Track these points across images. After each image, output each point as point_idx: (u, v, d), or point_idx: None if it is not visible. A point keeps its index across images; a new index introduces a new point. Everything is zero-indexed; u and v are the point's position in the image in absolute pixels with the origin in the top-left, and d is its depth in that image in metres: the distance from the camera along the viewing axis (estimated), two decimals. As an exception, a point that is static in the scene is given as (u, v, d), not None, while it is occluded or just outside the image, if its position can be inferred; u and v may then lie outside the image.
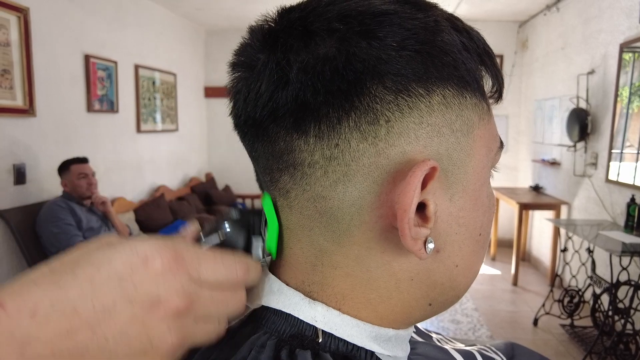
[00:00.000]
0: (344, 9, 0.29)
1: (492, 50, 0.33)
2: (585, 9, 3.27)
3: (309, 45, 0.29)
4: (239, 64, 0.33)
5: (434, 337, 0.44)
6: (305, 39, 0.29)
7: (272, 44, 0.30)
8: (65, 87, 2.85)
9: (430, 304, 0.33)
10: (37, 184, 2.59)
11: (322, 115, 0.28)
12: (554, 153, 3.80)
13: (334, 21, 0.28)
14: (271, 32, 0.31)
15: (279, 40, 0.30)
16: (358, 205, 0.30)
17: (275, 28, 0.31)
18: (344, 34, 0.28)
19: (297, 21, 0.30)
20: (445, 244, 0.31)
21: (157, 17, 4.04)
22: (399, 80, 0.28)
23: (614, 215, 2.84)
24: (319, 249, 0.32)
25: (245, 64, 0.32)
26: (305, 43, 0.29)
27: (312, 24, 0.29)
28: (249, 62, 0.31)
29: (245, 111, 0.31)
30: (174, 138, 4.40)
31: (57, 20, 2.76)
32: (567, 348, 2.67)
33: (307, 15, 0.30)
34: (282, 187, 0.32)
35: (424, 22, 0.29)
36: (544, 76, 4.07)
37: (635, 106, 2.69)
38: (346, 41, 0.28)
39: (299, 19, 0.30)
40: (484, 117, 0.32)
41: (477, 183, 0.32)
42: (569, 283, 3.20)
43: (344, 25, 0.28)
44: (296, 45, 0.29)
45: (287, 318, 0.32)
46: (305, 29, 0.29)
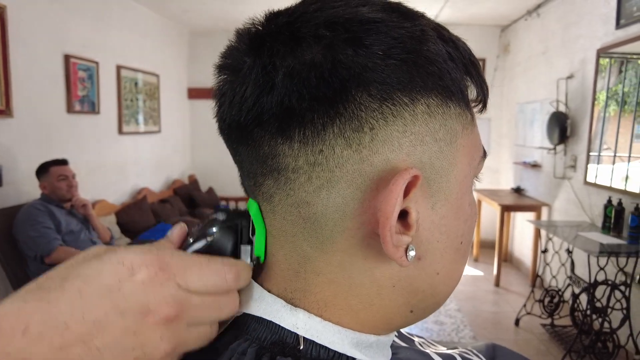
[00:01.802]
0: (331, 16, 0.29)
1: (477, 60, 0.33)
2: (565, 14, 3.35)
3: (295, 50, 0.29)
4: (224, 67, 0.33)
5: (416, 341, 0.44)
6: (292, 44, 0.29)
7: (259, 48, 0.30)
8: (44, 88, 2.79)
9: (412, 310, 0.34)
10: (15, 186, 2.53)
11: (307, 121, 0.28)
12: (535, 156, 3.87)
13: (321, 28, 0.29)
14: (258, 35, 0.31)
15: (265, 45, 0.30)
16: (341, 211, 0.30)
17: (262, 32, 0.31)
18: (331, 40, 0.28)
19: (284, 26, 0.30)
20: (427, 252, 0.32)
21: (140, 18, 3.99)
22: (384, 89, 0.28)
23: (592, 216, 2.90)
24: (303, 255, 0.32)
25: (231, 66, 0.32)
26: (292, 48, 0.29)
27: (299, 30, 0.29)
28: (235, 65, 0.31)
29: (230, 115, 0.31)
30: (156, 140, 4.35)
31: (37, 19, 2.70)
32: (547, 347, 2.72)
33: (295, 20, 0.30)
34: (266, 192, 0.32)
35: (411, 31, 0.29)
36: (525, 80, 4.15)
37: (612, 110, 2.76)
38: (333, 48, 0.28)
39: (286, 24, 0.30)
40: (468, 127, 0.33)
41: (459, 192, 0.32)
42: (549, 283, 3.26)
43: (330, 32, 0.28)
44: (282, 50, 0.29)
45: (268, 325, 0.32)
46: (292, 35, 0.29)
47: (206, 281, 0.29)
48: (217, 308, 0.30)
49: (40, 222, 2.28)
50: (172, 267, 0.27)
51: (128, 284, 0.26)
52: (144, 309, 0.25)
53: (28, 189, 2.56)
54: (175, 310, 0.27)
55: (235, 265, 0.31)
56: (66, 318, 0.24)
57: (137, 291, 0.26)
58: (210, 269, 0.29)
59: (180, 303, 0.27)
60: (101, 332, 0.24)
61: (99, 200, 3.25)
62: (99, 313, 0.24)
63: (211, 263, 0.30)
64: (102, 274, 0.26)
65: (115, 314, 0.25)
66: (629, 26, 2.53)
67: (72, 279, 0.25)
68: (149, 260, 0.27)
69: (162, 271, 0.27)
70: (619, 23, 2.61)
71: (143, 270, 0.26)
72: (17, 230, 2.29)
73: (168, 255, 0.28)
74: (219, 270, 0.30)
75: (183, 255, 0.29)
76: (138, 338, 0.25)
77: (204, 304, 0.29)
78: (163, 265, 0.27)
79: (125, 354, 0.25)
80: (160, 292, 0.26)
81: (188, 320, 0.28)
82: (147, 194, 3.90)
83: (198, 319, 0.29)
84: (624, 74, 2.67)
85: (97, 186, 3.32)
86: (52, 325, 0.23)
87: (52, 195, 2.41)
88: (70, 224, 2.43)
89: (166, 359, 0.27)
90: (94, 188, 3.25)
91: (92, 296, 0.25)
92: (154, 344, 0.26)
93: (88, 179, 3.13)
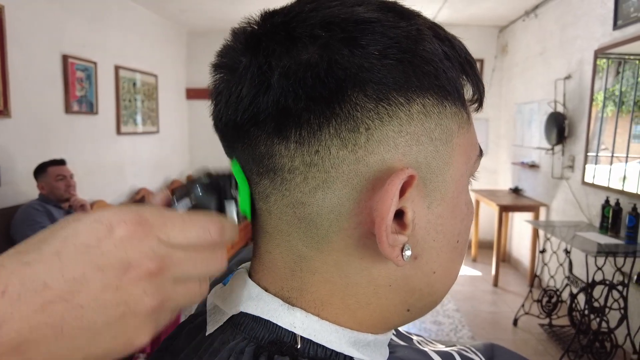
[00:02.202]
0: (327, 16, 0.29)
1: (474, 59, 0.33)
2: (562, 15, 3.36)
3: (291, 50, 0.29)
4: (221, 66, 0.33)
5: (414, 339, 0.44)
6: (288, 44, 0.29)
7: (255, 48, 0.30)
8: (42, 88, 2.78)
9: (409, 309, 0.34)
10: (13, 186, 2.52)
11: (303, 121, 0.28)
12: (533, 156, 3.88)
13: (316, 28, 0.29)
14: (254, 35, 0.31)
15: (261, 44, 0.30)
16: (337, 211, 0.30)
17: (258, 31, 0.31)
18: (327, 40, 0.28)
19: (280, 26, 0.30)
20: (423, 251, 0.32)
21: (138, 18, 3.99)
22: (380, 89, 0.28)
23: (590, 216, 2.91)
24: (298, 255, 0.32)
25: (228, 65, 0.32)
26: (288, 48, 0.29)
27: (295, 30, 0.29)
28: (231, 64, 0.31)
29: (227, 114, 0.31)
30: (155, 140, 4.34)
31: (34, 19, 2.69)
32: (545, 347, 2.73)
33: (290, 20, 0.30)
34: (262, 192, 0.32)
35: (407, 31, 0.29)
36: (523, 80, 4.16)
37: (610, 110, 2.77)
38: (328, 48, 0.28)
39: (282, 24, 0.30)
40: (464, 126, 0.33)
41: (455, 191, 0.32)
42: (547, 283, 3.27)
43: (326, 32, 0.28)
44: (278, 50, 0.29)
45: (265, 324, 0.32)
46: (288, 34, 0.29)
47: (188, 234, 0.28)
48: (203, 263, 0.29)
49: (38, 222, 2.27)
50: (152, 222, 0.27)
51: (106, 241, 0.25)
52: (124, 264, 0.25)
53: (26, 189, 2.56)
54: (157, 264, 0.26)
55: (218, 219, 0.30)
56: (45, 278, 0.23)
57: (116, 247, 0.25)
58: (193, 222, 0.28)
59: (162, 257, 0.26)
60: (82, 289, 0.24)
61: (97, 200, 3.24)
62: (77, 271, 0.24)
63: (193, 217, 0.29)
64: (80, 233, 0.25)
65: (94, 270, 0.24)
66: (626, 27, 2.54)
67: (50, 240, 0.25)
68: (127, 217, 0.26)
69: (141, 226, 0.26)
70: (616, 24, 2.62)
71: (122, 226, 0.26)
72: (15, 230, 2.29)
73: (147, 212, 0.27)
74: (201, 224, 0.29)
75: (163, 210, 0.28)
76: (120, 293, 0.25)
77: (189, 258, 0.28)
78: (142, 220, 0.26)
79: (109, 310, 0.24)
80: (140, 247, 0.26)
81: (173, 274, 0.27)
82: (145, 194, 3.89)
83: (184, 274, 0.28)
84: (621, 75, 2.68)
85: (95, 186, 3.32)
86: (30, 286, 0.23)
87: (50, 196, 2.40)
88: (68, 225, 2.42)
89: (154, 314, 0.26)
90: (92, 188, 3.24)
91: (70, 255, 0.24)
92: (137, 298, 0.25)
93: (86, 179, 3.12)
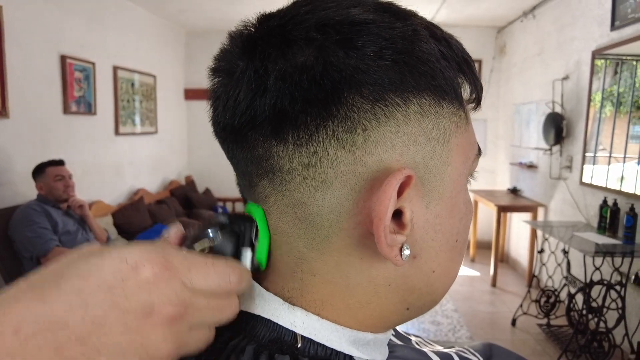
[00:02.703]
0: (322, 18, 0.29)
1: (471, 58, 0.34)
2: (560, 16, 3.36)
3: (286, 53, 0.29)
4: (218, 70, 0.33)
5: (412, 340, 0.44)
6: (284, 47, 0.29)
7: (251, 51, 0.30)
8: (40, 88, 2.78)
9: (408, 308, 0.34)
10: (11, 187, 2.52)
11: (300, 123, 0.29)
12: (531, 156, 3.88)
13: (312, 30, 0.29)
14: (250, 38, 0.31)
15: (257, 48, 0.30)
16: (336, 212, 0.30)
17: (254, 35, 0.31)
18: (322, 43, 0.28)
19: (275, 29, 0.30)
20: (422, 251, 0.32)
21: (137, 18, 3.98)
22: (376, 90, 0.28)
23: (588, 216, 2.92)
24: (299, 256, 0.32)
25: (225, 69, 0.32)
26: (283, 52, 0.29)
27: (291, 33, 0.29)
28: (229, 68, 0.32)
29: (225, 118, 0.31)
30: (153, 140, 4.34)
31: (32, 20, 2.69)
32: (543, 347, 2.73)
33: (286, 23, 0.30)
34: (261, 192, 0.32)
35: (402, 31, 0.29)
36: (521, 81, 4.16)
37: (607, 111, 2.78)
38: (324, 50, 0.28)
39: (278, 27, 0.30)
40: (462, 126, 0.33)
41: (453, 190, 0.33)
42: (545, 283, 3.27)
43: (321, 35, 0.29)
44: (274, 54, 0.29)
45: (266, 323, 0.32)
46: (284, 37, 0.29)
47: (211, 281, 0.28)
48: (219, 310, 0.29)
49: (37, 223, 2.27)
50: (177, 265, 0.26)
51: (131, 282, 0.24)
52: (147, 308, 0.25)
53: (24, 189, 2.55)
54: (180, 311, 0.26)
55: (238, 267, 0.30)
56: (63, 317, 0.22)
57: (140, 290, 0.24)
58: (215, 269, 0.28)
59: (185, 303, 0.26)
60: (101, 332, 0.23)
61: (96, 201, 3.24)
62: (98, 312, 0.23)
63: (216, 264, 0.29)
64: (103, 271, 0.24)
65: (116, 313, 0.24)
66: (623, 28, 2.54)
67: (69, 277, 0.24)
68: (153, 258, 0.26)
69: (167, 270, 0.26)
70: (613, 25, 2.63)
71: (147, 267, 0.25)
72: (13, 230, 2.28)
73: (173, 254, 0.27)
74: (223, 271, 0.29)
75: (187, 254, 0.28)
76: (140, 338, 0.24)
77: (208, 306, 0.28)
78: (168, 263, 0.26)
79: (127, 356, 0.24)
80: (165, 291, 0.25)
81: (191, 321, 0.27)
82: (143, 194, 3.88)
83: (200, 321, 0.28)
84: (619, 75, 2.69)
85: (94, 187, 3.31)
86: (46, 325, 0.22)
87: (48, 196, 2.40)
88: (67, 225, 2.42)
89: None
90: (91, 189, 3.24)
91: (93, 294, 0.23)
92: (156, 344, 0.25)
93: (84, 179, 3.12)
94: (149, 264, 0.25)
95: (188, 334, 0.27)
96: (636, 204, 2.36)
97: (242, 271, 0.30)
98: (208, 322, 0.29)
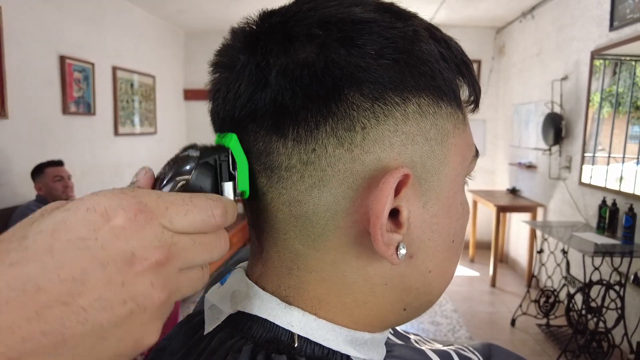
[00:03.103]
0: (324, 16, 0.29)
1: (470, 61, 0.34)
2: (559, 16, 3.37)
3: (288, 49, 0.29)
4: (219, 64, 0.33)
5: (412, 338, 0.44)
6: (285, 43, 0.29)
7: (253, 46, 0.30)
8: (39, 89, 2.78)
9: (405, 308, 0.34)
10: (10, 187, 2.52)
11: (300, 119, 0.29)
12: (530, 156, 3.89)
13: (314, 27, 0.29)
14: (252, 34, 0.31)
15: (259, 43, 0.30)
16: (333, 210, 0.30)
17: (256, 31, 0.31)
18: (324, 40, 0.29)
19: (277, 25, 0.30)
20: (418, 250, 0.32)
21: (136, 19, 3.98)
22: (376, 88, 0.29)
23: (587, 217, 2.92)
24: (295, 253, 0.32)
25: (226, 64, 0.32)
26: (285, 47, 0.29)
27: (293, 29, 0.29)
28: (230, 62, 0.32)
29: (224, 110, 0.31)
30: (152, 141, 4.34)
31: (32, 20, 2.69)
32: (543, 347, 2.73)
33: (288, 20, 0.30)
34: (258, 189, 0.32)
35: (403, 32, 0.30)
36: (520, 81, 4.17)
37: (606, 111, 2.79)
38: (325, 47, 0.28)
39: (280, 23, 0.30)
40: (459, 126, 0.33)
41: (450, 191, 0.33)
42: (544, 283, 3.27)
43: (323, 32, 0.29)
44: (276, 49, 0.29)
45: (263, 323, 0.32)
46: (286, 33, 0.29)
47: (192, 218, 0.26)
48: (207, 248, 0.27)
49: (36, 224, 2.26)
50: (153, 207, 0.24)
51: (105, 231, 0.22)
52: (128, 256, 0.23)
53: (23, 190, 2.55)
54: (164, 254, 0.24)
55: (220, 199, 0.28)
56: (38, 280, 0.20)
57: (117, 238, 0.23)
58: (195, 205, 0.26)
59: (168, 245, 0.24)
60: (83, 290, 0.21)
61: (95, 201, 3.23)
62: (76, 269, 0.21)
63: (195, 199, 0.26)
64: (72, 224, 0.22)
65: (95, 267, 0.22)
66: (622, 28, 2.55)
67: (34, 235, 0.22)
68: (125, 202, 0.24)
69: (142, 212, 0.24)
70: (612, 25, 2.63)
71: (120, 213, 0.23)
72: (12, 231, 2.28)
73: (145, 195, 0.25)
74: (204, 206, 0.26)
75: (162, 193, 0.26)
76: (127, 289, 0.22)
77: (194, 244, 0.26)
78: (141, 205, 0.24)
79: (116, 309, 0.22)
80: (144, 236, 0.23)
81: (179, 263, 0.25)
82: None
83: (189, 261, 0.26)
84: (617, 76, 2.69)
85: (93, 187, 3.29)
86: (20, 290, 0.20)
87: (47, 197, 2.39)
88: (66, 226, 2.41)
89: (162, 308, 0.24)
90: (90, 189, 3.18)
91: (65, 250, 0.21)
92: (146, 293, 0.23)
93: (84, 180, 3.12)
94: (120, 209, 0.23)
95: (178, 277, 0.25)
96: (635, 204, 2.36)
97: (226, 202, 0.28)
98: (199, 261, 0.27)
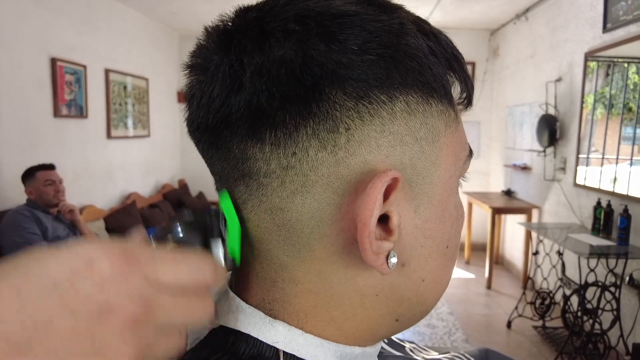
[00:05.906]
0: (302, 10, 0.27)
1: (461, 54, 0.32)
2: (553, 18, 3.38)
3: (264, 47, 0.27)
4: (193, 66, 0.31)
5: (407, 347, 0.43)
6: (261, 40, 0.27)
7: (227, 45, 0.28)
8: (30, 91, 2.75)
9: (397, 319, 0.32)
10: (0, 192, 2.48)
11: (278, 122, 0.27)
12: (525, 158, 3.89)
13: (290, 22, 0.27)
14: (226, 32, 0.29)
15: (233, 41, 0.28)
16: (318, 217, 0.28)
17: (231, 28, 0.29)
18: (302, 35, 0.27)
19: (253, 21, 0.28)
20: (410, 258, 0.30)
21: (129, 20, 3.96)
22: (360, 86, 0.27)
23: (582, 218, 2.92)
24: (279, 264, 0.30)
25: (200, 66, 0.30)
26: (260, 45, 0.27)
27: (269, 24, 0.27)
28: (204, 64, 0.30)
29: (198, 116, 0.29)
30: (145, 144, 4.31)
31: (22, 22, 2.66)
32: (539, 349, 2.73)
33: (264, 15, 0.28)
34: (238, 198, 0.30)
35: (388, 25, 0.28)
36: (514, 83, 4.18)
37: (600, 113, 2.79)
38: (304, 43, 0.26)
39: (256, 19, 0.28)
40: (451, 125, 0.31)
41: (443, 193, 0.31)
42: (540, 285, 3.27)
43: (301, 27, 0.27)
44: (250, 47, 0.27)
45: (246, 338, 0.30)
46: (261, 30, 0.27)
47: (180, 275, 0.24)
48: (189, 310, 0.25)
49: (26, 228, 2.23)
50: (140, 258, 0.23)
51: (83, 278, 0.21)
52: (102, 307, 0.21)
53: (12, 194, 2.52)
54: (142, 308, 0.22)
55: (211, 259, 0.27)
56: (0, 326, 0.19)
57: (94, 286, 0.21)
58: (185, 261, 0.25)
59: (148, 299, 0.22)
60: (44, 337, 0.19)
61: (87, 205, 3.20)
62: (42, 314, 0.20)
63: (185, 255, 0.25)
64: (50, 268, 0.21)
65: (63, 314, 0.20)
66: (615, 30, 2.56)
67: (8, 277, 0.20)
68: (112, 251, 0.22)
69: (127, 264, 0.22)
70: (605, 27, 2.64)
71: (104, 262, 0.22)
72: (1, 236, 2.24)
73: (135, 246, 0.24)
74: (195, 263, 0.25)
75: (152, 247, 0.25)
76: (95, 342, 0.21)
77: (176, 305, 0.24)
78: (129, 256, 0.22)
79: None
80: (124, 287, 0.22)
81: (156, 322, 0.23)
82: (136, 198, 3.85)
83: (168, 322, 0.24)
84: (611, 77, 2.70)
85: (85, 191, 3.28)
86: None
87: (38, 201, 2.36)
88: (57, 230, 2.38)
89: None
90: (82, 193, 3.20)
91: (35, 294, 0.20)
92: (115, 349, 0.21)
93: (75, 184, 3.09)
94: (105, 258, 0.22)
95: (154, 338, 0.23)
96: (630, 205, 2.36)
97: (217, 265, 0.27)
98: (177, 324, 0.25)
